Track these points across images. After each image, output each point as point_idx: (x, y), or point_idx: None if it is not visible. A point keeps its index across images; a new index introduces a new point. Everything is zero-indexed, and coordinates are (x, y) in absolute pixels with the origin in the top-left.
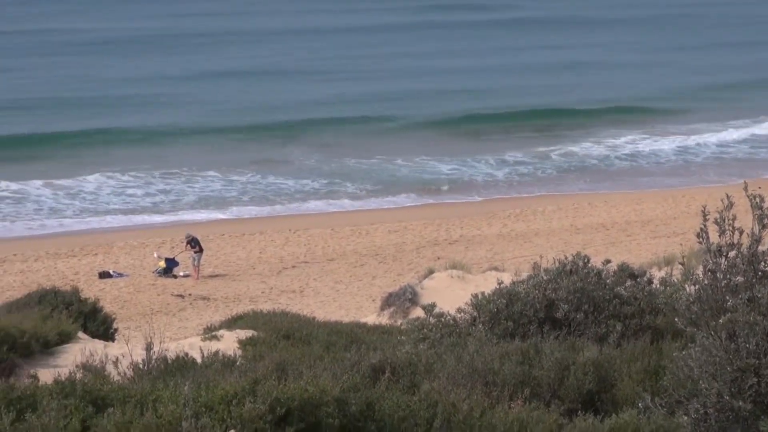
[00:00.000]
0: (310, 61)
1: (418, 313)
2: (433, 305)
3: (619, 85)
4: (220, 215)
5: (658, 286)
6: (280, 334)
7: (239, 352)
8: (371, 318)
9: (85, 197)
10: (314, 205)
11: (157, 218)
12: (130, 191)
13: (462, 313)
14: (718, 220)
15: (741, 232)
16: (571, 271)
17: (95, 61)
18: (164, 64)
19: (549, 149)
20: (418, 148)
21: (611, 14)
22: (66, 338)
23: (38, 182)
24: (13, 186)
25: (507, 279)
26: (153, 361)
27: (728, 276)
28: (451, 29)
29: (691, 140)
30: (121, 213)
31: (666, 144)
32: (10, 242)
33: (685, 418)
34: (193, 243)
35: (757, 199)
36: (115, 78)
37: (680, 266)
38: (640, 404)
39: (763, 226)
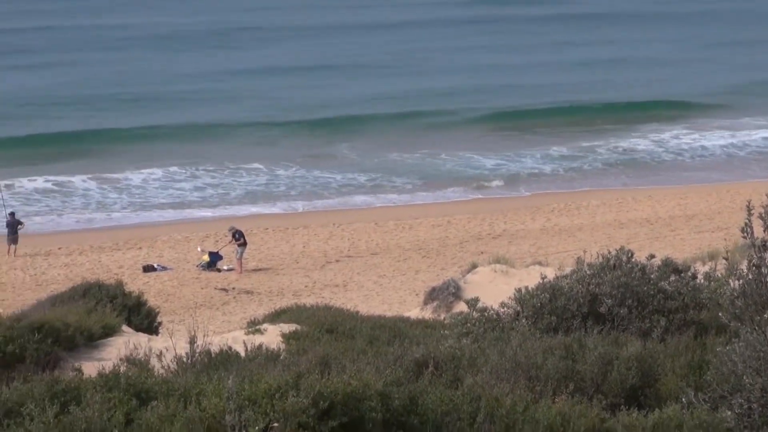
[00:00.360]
0: (358, 57)
1: (461, 307)
2: (477, 299)
3: (664, 81)
4: (266, 209)
5: (702, 281)
6: (323, 328)
7: (283, 346)
8: (414, 312)
9: (131, 191)
10: (359, 199)
11: (203, 212)
12: (177, 185)
13: (505, 308)
14: (763, 215)
15: None
16: (614, 265)
17: (144, 56)
18: (213, 59)
19: (593, 144)
20: (462, 143)
21: (657, 9)
22: (110, 332)
23: (84, 176)
24: (60, 179)
25: (550, 273)
26: (197, 355)
27: None
28: (498, 24)
29: (736, 135)
30: (169, 207)
31: (710, 139)
32: (55, 236)
33: (729, 413)
34: (237, 236)
35: None
36: (163, 74)
37: (724, 261)
38: (683, 399)
39: None
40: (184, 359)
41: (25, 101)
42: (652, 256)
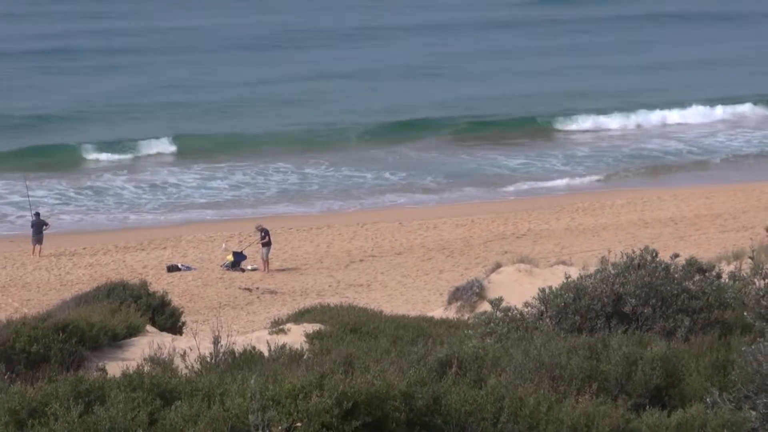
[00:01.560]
0: (415, 60)
1: (485, 307)
2: (501, 299)
3: (698, 82)
4: (295, 209)
5: (727, 280)
6: (347, 328)
7: (306, 346)
8: (438, 312)
9: (165, 190)
10: (385, 199)
11: (230, 212)
12: (211, 184)
13: (529, 308)
14: None
15: None
16: (639, 265)
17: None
18: (270, 65)
19: (618, 144)
20: (484, 144)
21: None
22: (134, 331)
23: (121, 177)
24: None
25: (574, 273)
26: (220, 355)
27: None
28: (560, 25)
29: (762, 134)
30: (201, 207)
31: (737, 138)
32: (80, 236)
33: (753, 413)
34: (263, 234)
35: None
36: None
37: (750, 260)
38: (707, 399)
39: None
40: (208, 359)
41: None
42: (677, 256)
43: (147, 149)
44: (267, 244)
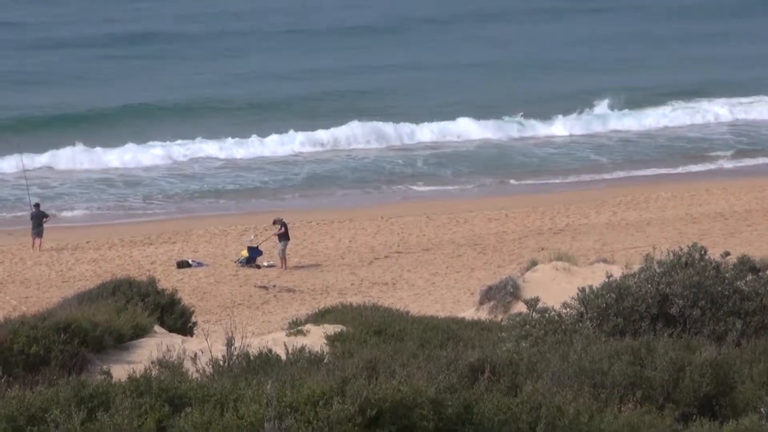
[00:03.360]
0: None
1: (519, 307)
2: (537, 299)
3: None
4: (308, 201)
5: None
6: (370, 330)
7: (327, 349)
8: (469, 313)
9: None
10: (412, 190)
11: (243, 204)
12: (222, 173)
13: (568, 309)
14: None
15: None
16: (686, 263)
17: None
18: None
19: (663, 131)
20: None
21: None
22: (141, 332)
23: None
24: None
25: (617, 272)
26: (234, 358)
27: None
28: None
29: None
30: (204, 196)
31: None
32: (83, 229)
33: None
34: (281, 227)
35: None
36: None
37: None
38: (762, 409)
39: None
40: (221, 362)
41: None
42: (727, 254)
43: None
44: (284, 238)
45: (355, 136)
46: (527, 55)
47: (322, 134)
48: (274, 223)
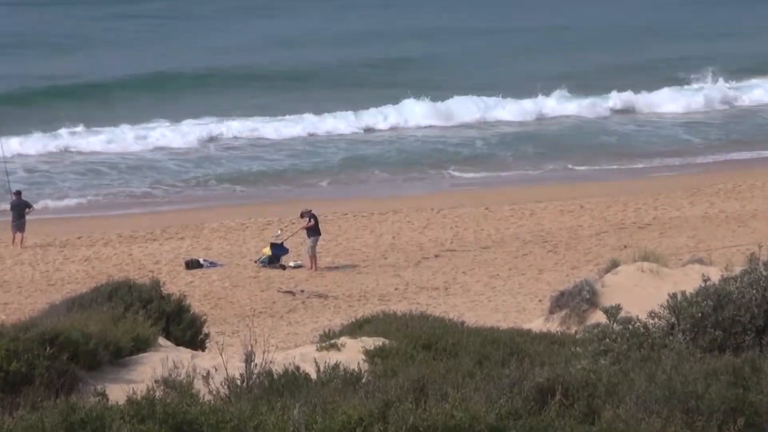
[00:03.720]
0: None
1: (597, 317)
2: (618, 308)
3: None
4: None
5: None
6: (418, 344)
7: (365, 366)
8: (537, 323)
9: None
10: (466, 176)
11: (266, 192)
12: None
13: (656, 319)
14: None
15: None
16: None
17: None
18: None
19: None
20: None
21: None
22: (143, 345)
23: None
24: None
25: (715, 275)
26: (254, 377)
27: None
28: None
29: None
30: (220, 182)
31: None
32: (75, 221)
33: None
34: (310, 219)
35: None
36: None
37: None
38: None
39: None
40: (238, 382)
41: None
42: None
43: None
44: (314, 233)
45: (401, 112)
46: (610, 23)
47: (364, 111)
48: (302, 215)
